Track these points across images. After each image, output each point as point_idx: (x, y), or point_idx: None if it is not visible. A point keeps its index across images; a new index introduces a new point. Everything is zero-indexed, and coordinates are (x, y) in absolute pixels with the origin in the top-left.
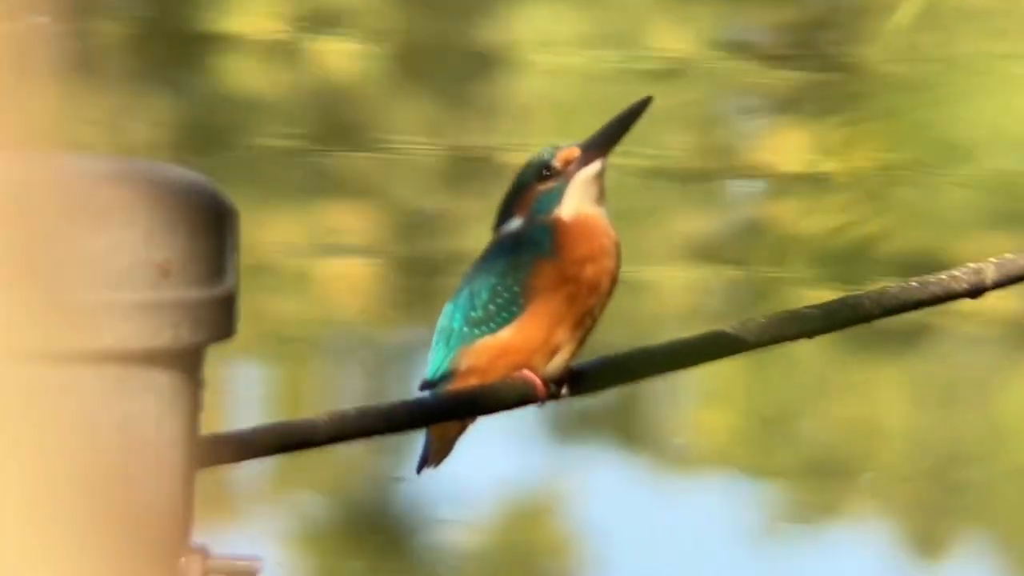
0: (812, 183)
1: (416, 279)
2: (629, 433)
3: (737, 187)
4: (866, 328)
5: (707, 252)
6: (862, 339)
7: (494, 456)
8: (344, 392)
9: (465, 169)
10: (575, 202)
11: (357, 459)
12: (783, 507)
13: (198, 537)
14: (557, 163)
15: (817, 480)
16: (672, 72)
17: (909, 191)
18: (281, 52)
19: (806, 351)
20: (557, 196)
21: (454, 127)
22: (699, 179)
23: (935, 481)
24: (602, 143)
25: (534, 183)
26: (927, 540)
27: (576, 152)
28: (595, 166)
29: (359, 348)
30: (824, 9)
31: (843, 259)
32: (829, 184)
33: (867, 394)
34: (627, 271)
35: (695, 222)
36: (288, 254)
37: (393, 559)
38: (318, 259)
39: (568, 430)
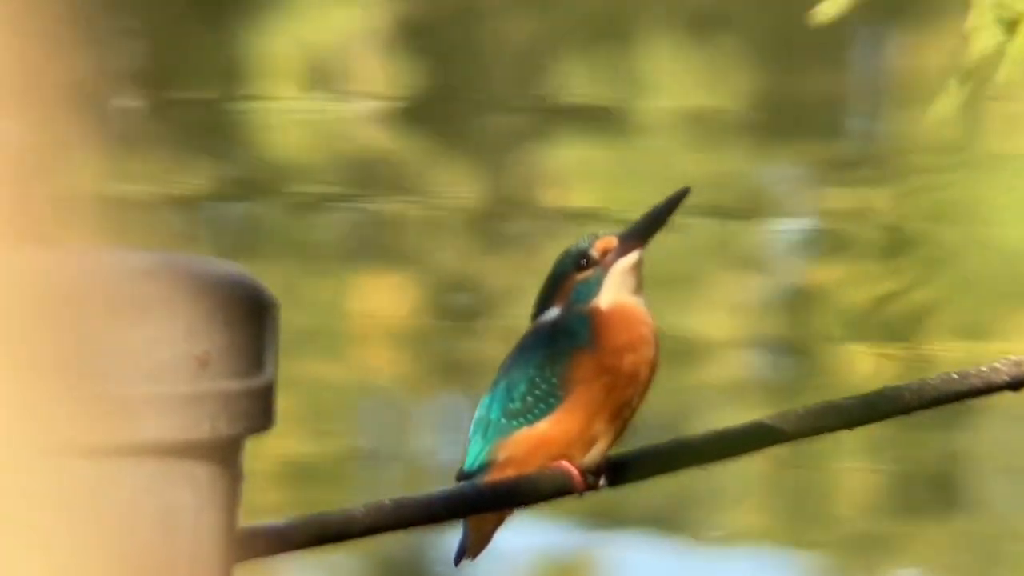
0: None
1: (453, 344)
2: (666, 518)
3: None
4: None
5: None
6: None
7: (531, 539)
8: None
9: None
10: (613, 292)
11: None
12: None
13: None
14: (595, 252)
15: (857, 552)
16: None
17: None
18: (307, 117)
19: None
20: (595, 286)
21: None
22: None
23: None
24: (641, 233)
25: (572, 272)
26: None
27: (614, 242)
28: (633, 256)
29: (395, 414)
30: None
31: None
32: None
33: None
34: (671, 337)
35: (742, 290)
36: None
37: None
38: (356, 323)
39: (604, 514)
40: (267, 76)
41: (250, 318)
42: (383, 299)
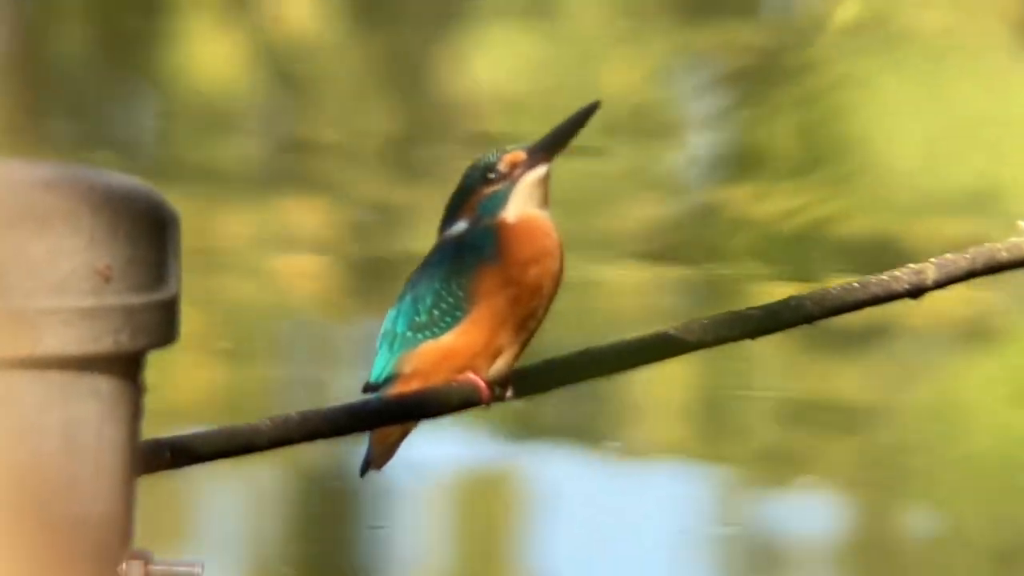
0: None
1: (370, 273)
2: (578, 428)
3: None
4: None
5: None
6: (813, 337)
7: (446, 450)
8: (293, 389)
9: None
10: (520, 205)
11: (307, 458)
12: (732, 491)
13: (139, 543)
14: (502, 166)
15: (766, 466)
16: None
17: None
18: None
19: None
20: (503, 199)
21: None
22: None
23: (884, 467)
24: (549, 147)
25: (479, 186)
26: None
27: (522, 156)
28: (540, 170)
29: (310, 341)
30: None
31: (794, 248)
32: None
33: (819, 385)
34: (575, 267)
35: (646, 210)
36: (245, 249)
37: (337, 546)
38: (274, 255)
39: (517, 427)
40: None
41: (153, 232)
42: (303, 223)
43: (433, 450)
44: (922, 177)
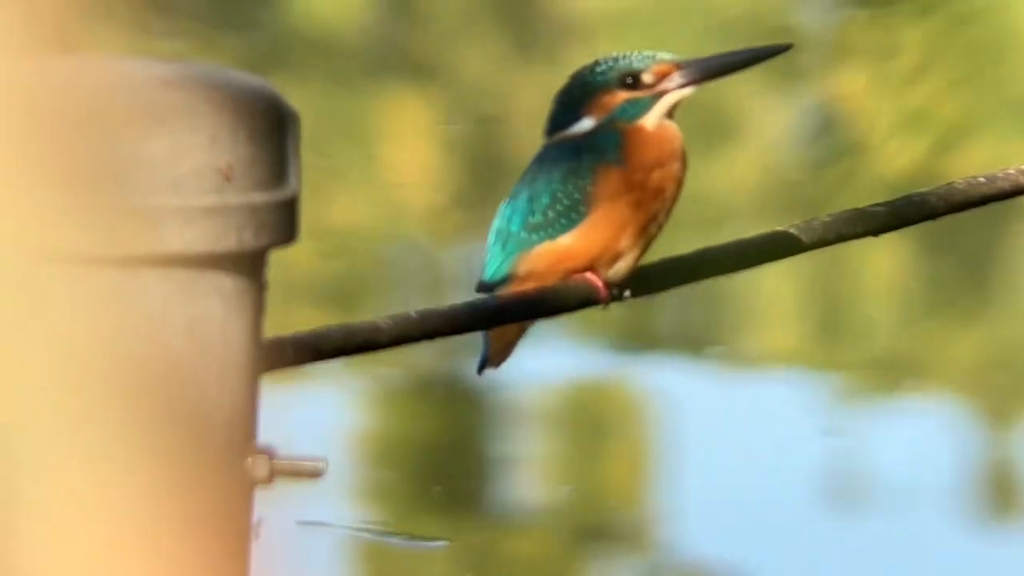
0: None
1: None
2: (695, 334)
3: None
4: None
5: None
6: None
7: (560, 360)
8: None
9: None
10: (658, 116)
11: (423, 361)
12: (851, 395)
13: (263, 439)
14: (648, 77)
15: (885, 371)
16: None
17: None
18: None
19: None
20: (644, 108)
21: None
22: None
23: (1004, 368)
24: (710, 71)
25: (615, 88)
26: (997, 417)
27: (672, 69)
28: (689, 90)
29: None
30: None
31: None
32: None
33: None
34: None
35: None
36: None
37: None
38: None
39: (633, 334)
40: None
41: (272, 130)
42: (410, 113)
43: (543, 360)
44: None
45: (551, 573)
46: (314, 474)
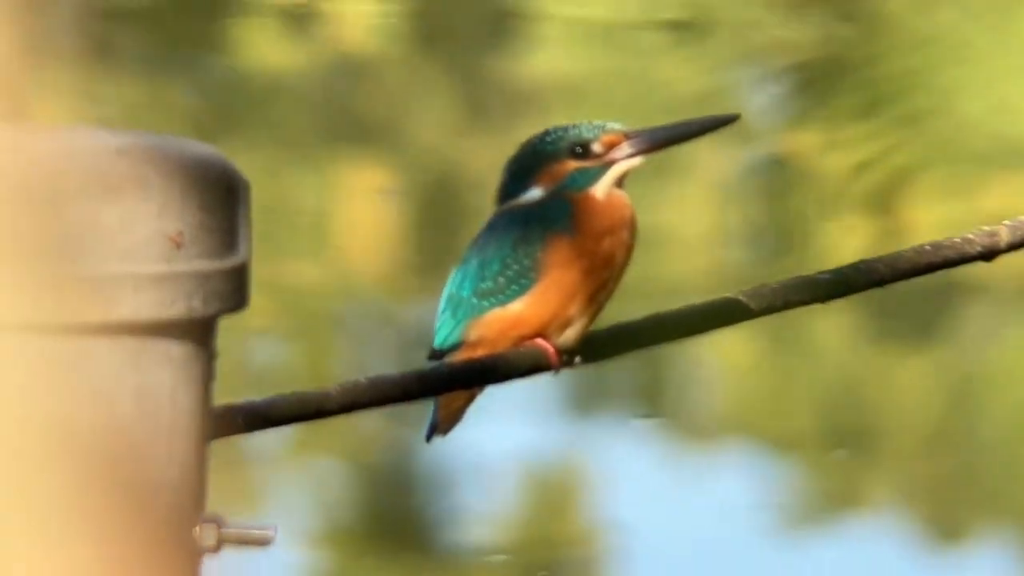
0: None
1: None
2: (650, 404)
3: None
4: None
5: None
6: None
7: (513, 429)
8: (360, 360)
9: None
10: (608, 185)
11: (374, 430)
12: (799, 490)
13: (212, 507)
14: (598, 147)
15: (840, 469)
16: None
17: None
18: (298, 19)
19: (826, 326)
20: (593, 178)
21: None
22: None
23: (955, 467)
24: (659, 142)
25: (564, 158)
26: (945, 526)
27: (621, 138)
28: (638, 160)
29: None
30: None
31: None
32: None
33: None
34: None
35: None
36: (306, 211)
37: (412, 542)
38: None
39: (587, 402)
40: None
41: (223, 198)
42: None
43: (496, 428)
44: (993, 126)
45: None
46: (263, 542)
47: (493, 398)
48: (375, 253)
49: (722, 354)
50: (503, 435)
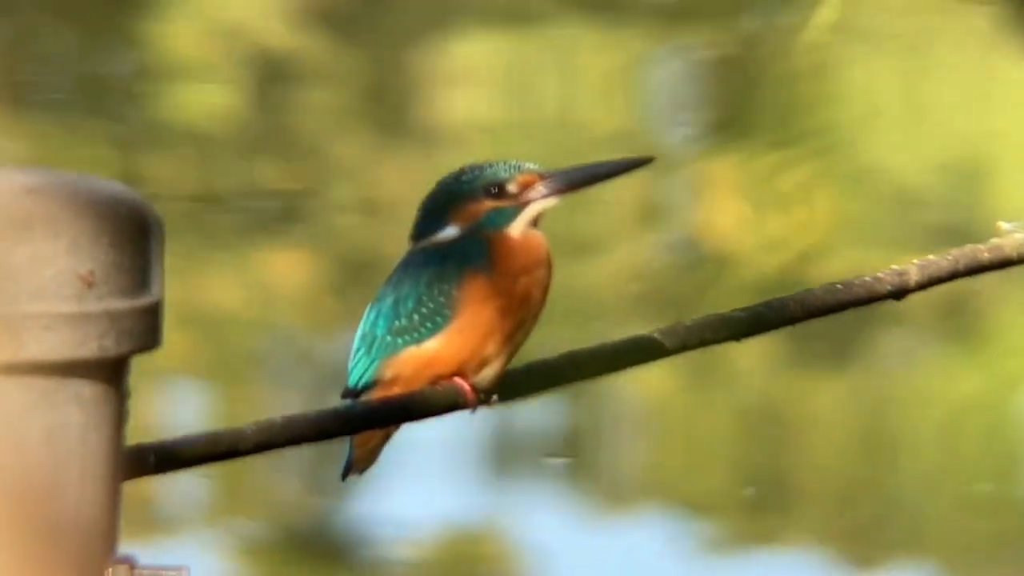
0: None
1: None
2: (570, 466)
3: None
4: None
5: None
6: (798, 350)
7: (434, 488)
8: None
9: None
10: (524, 225)
11: (290, 475)
12: (719, 535)
13: (125, 548)
14: (514, 187)
15: (753, 508)
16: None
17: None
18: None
19: (746, 366)
20: (509, 217)
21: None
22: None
23: (871, 503)
24: (575, 183)
25: (480, 197)
26: (861, 560)
27: (535, 179)
28: (554, 200)
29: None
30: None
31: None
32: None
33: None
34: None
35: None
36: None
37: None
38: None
39: (507, 461)
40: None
41: (135, 237)
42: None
43: (412, 497)
44: (898, 165)
45: None
46: None
47: (406, 443)
48: (295, 279)
49: (640, 385)
50: (416, 489)
